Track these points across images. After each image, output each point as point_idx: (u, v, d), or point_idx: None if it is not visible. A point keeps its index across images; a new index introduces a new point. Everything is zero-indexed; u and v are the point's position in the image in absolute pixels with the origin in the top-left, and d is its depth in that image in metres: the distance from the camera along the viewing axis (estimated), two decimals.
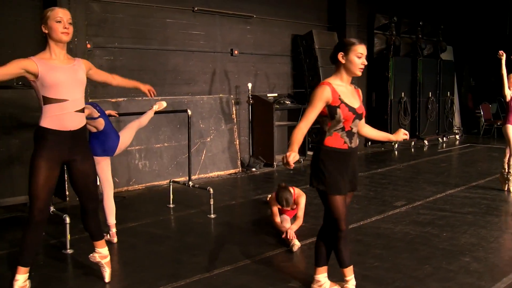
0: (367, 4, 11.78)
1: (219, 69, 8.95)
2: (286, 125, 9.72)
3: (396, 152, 11.23)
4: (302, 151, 9.59)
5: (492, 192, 6.92)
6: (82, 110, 3.59)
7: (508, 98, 6.77)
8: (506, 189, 6.99)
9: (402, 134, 3.60)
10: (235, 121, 8.89)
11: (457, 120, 14.29)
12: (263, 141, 9.23)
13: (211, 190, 5.83)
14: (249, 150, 9.24)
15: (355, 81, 10.97)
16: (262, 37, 9.61)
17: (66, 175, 6.59)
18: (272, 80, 9.87)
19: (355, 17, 10.74)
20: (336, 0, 10.69)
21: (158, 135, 7.82)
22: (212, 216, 5.81)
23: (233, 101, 8.92)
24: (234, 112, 8.90)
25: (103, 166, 4.83)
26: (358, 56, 3.24)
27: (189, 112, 6.29)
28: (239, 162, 8.82)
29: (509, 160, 6.92)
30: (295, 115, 9.60)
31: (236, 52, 9.08)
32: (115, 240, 4.84)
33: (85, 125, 3.70)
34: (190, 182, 6.26)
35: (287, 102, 9.47)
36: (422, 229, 5.19)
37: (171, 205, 6.33)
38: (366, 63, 3.29)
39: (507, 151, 6.92)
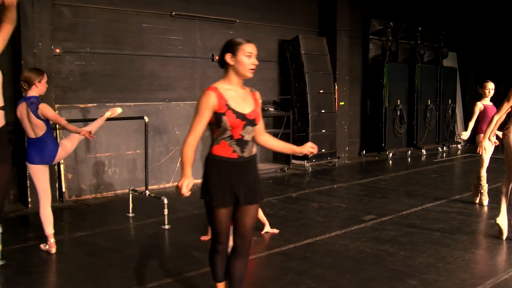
0: (362, 9, 11.45)
1: (199, 75, 8.74)
2: (269, 133, 9.41)
3: (390, 162, 10.86)
4: (286, 159, 9.33)
5: (473, 206, 6.54)
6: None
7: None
8: (477, 201, 6.62)
9: (309, 147, 3.31)
10: None
11: (460, 129, 13.79)
12: None
13: (165, 200, 5.62)
14: None
15: (349, 85, 10.40)
16: None
17: (28, 181, 6.47)
18: (257, 86, 9.50)
19: (346, 22, 10.42)
20: (327, 4, 10.36)
21: (130, 141, 7.63)
22: (166, 227, 5.59)
23: None
24: None
25: (40, 174, 4.64)
26: (247, 55, 3.01)
27: (146, 119, 6.10)
28: None
29: (479, 172, 6.56)
30: (280, 123, 9.33)
31: (217, 57, 8.82)
32: (53, 250, 4.65)
33: (4, 126, 3.44)
34: (147, 191, 6.05)
35: (271, 109, 9.20)
36: (380, 246, 4.86)
37: (131, 214, 6.13)
38: (257, 62, 3.06)
39: (481, 162, 6.55)
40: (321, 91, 9.70)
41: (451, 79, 12.96)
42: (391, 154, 11.19)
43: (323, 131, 9.72)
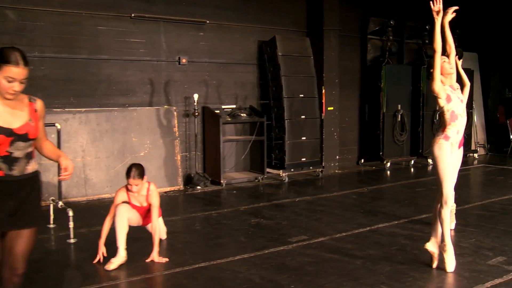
0: (361, 7, 10.66)
1: (163, 79, 8.35)
2: (239, 140, 8.89)
3: (388, 172, 10.00)
4: (261, 168, 8.78)
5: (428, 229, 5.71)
6: None
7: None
8: None
9: (64, 166, 2.84)
10: (176, 135, 8.23)
11: (480, 137, 12.60)
12: (212, 157, 8.50)
13: (70, 212, 5.27)
14: (195, 166, 8.53)
15: (344, 89, 9.73)
16: (220, 44, 8.88)
17: None
18: (233, 90, 9.10)
19: (336, 20, 9.66)
20: (315, 2, 9.67)
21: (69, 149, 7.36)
22: (72, 241, 5.23)
23: (175, 113, 8.27)
24: (176, 125, 8.24)
25: None
26: (8, 80, 2.65)
27: (58, 126, 5.74)
28: (179, 179, 8.14)
29: None
30: (255, 129, 8.76)
31: (184, 60, 8.44)
32: None
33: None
34: (60, 202, 5.71)
35: (242, 115, 8.65)
36: (275, 276, 4.24)
37: (51, 225, 5.82)
38: (18, 89, 2.67)
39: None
40: (301, 95, 9.04)
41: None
42: (389, 164, 10.31)
43: (303, 138, 9.04)
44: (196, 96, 8.23)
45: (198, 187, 8.16)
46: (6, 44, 6.72)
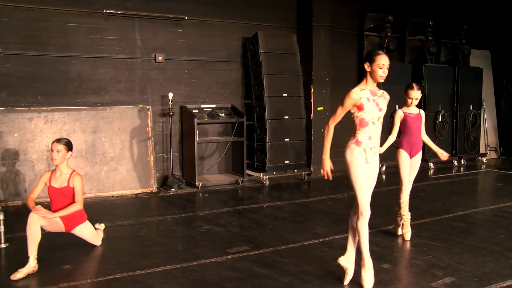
0: (359, 2, 10.12)
1: (138, 77, 8.10)
2: (219, 141, 8.54)
3: (383, 176, 9.44)
4: (241, 170, 8.42)
5: (390, 240, 5.22)
6: None
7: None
8: (400, 233, 5.31)
9: None
10: (150, 135, 7.97)
11: (491, 139, 11.80)
12: (189, 158, 8.19)
13: (1, 215, 5.05)
14: (171, 167, 8.24)
15: (338, 88, 9.14)
16: (200, 41, 8.55)
17: None
18: (214, 89, 8.76)
19: (326, 15, 9.15)
20: None
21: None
22: (2, 246, 5.02)
23: (149, 112, 8.01)
24: (149, 124, 7.98)
25: None
26: None
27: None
28: (152, 181, 7.88)
29: (399, 197, 5.26)
30: (237, 130, 8.39)
31: (160, 58, 8.16)
32: None
33: None
34: None
35: (221, 115, 8.30)
36: None
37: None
38: None
39: (400, 184, 5.25)
40: (285, 95, 8.60)
41: (475, 81, 11.07)
42: (384, 167, 9.74)
43: (286, 140, 8.61)
44: (171, 95, 7.95)
45: (172, 189, 7.88)
46: None
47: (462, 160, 10.82)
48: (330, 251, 4.92)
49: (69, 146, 4.69)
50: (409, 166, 5.22)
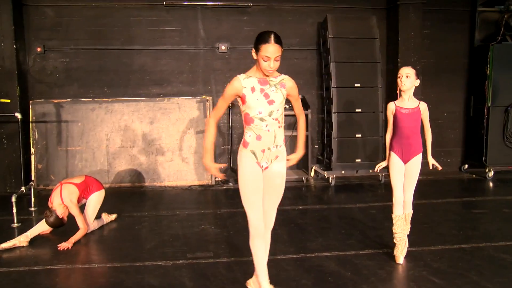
0: None
1: (201, 68, 8.00)
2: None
3: (490, 183, 7.77)
4: (307, 167, 7.78)
5: (381, 263, 4.18)
6: None
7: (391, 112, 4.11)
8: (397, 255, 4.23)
9: None
10: None
11: None
12: None
13: (13, 198, 5.48)
14: (230, 161, 7.95)
15: (442, 78, 8.06)
16: (268, 28, 7.93)
17: None
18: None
19: None
20: None
21: (104, 137, 7.59)
22: (15, 225, 5.44)
23: (208, 103, 7.82)
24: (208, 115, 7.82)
25: None
26: None
27: (18, 115, 5.95)
28: (209, 174, 7.73)
29: (392, 211, 4.17)
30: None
31: (223, 47, 7.92)
32: None
33: None
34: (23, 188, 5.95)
35: (285, 107, 7.68)
36: None
37: (33, 208, 6.17)
38: None
39: (393, 197, 4.16)
40: (357, 85, 7.59)
41: None
42: (492, 173, 7.97)
43: (358, 135, 7.60)
44: None
45: (229, 184, 7.64)
46: (45, 39, 7.36)
47: None
48: (362, 265, 4.13)
49: None
50: (402, 173, 4.09)
